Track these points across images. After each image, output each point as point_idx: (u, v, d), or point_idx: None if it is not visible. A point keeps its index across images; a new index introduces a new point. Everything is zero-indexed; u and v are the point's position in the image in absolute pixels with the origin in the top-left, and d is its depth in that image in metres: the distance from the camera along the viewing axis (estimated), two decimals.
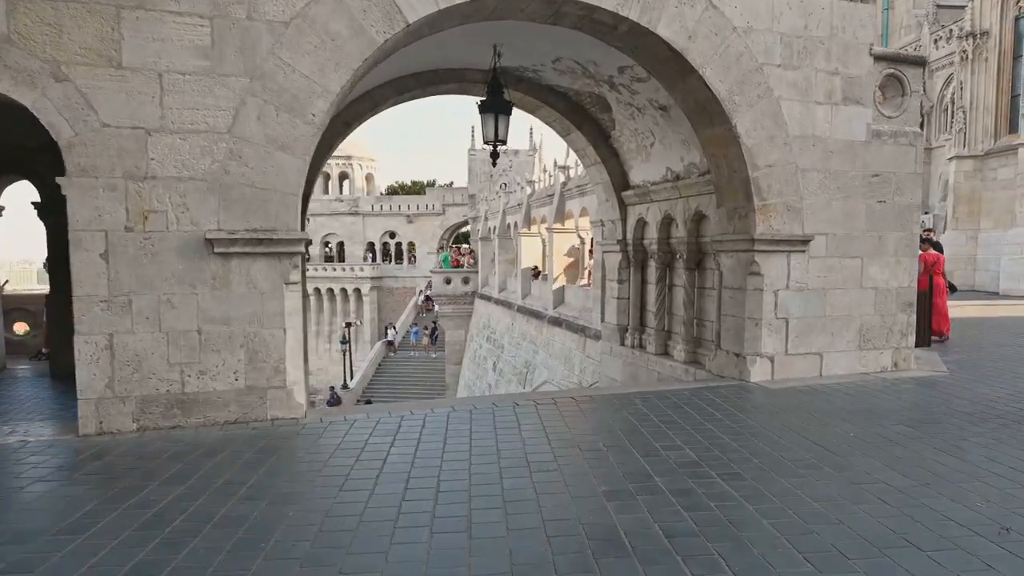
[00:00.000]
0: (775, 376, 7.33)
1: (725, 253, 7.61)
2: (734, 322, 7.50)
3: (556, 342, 15.68)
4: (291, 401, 5.85)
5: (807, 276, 7.37)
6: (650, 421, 5.69)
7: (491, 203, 27.27)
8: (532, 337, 17.88)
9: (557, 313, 16.01)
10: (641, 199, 9.78)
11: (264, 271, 5.70)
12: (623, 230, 10.38)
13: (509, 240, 23.00)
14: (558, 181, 16.43)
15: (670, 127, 8.52)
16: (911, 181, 7.75)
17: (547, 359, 16.10)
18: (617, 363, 10.50)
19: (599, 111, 9.68)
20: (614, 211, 10.50)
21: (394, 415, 6.03)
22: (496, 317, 23.26)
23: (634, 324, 10.24)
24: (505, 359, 20.60)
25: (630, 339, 10.21)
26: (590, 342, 13.15)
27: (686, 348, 8.76)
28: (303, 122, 5.71)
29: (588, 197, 14.47)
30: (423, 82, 9.32)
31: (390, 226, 58.54)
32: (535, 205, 19.67)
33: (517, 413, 6.03)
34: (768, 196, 7.13)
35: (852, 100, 7.41)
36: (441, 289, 28.45)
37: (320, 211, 59.08)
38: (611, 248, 10.62)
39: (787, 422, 5.64)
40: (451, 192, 57.79)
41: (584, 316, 14.06)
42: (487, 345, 23.90)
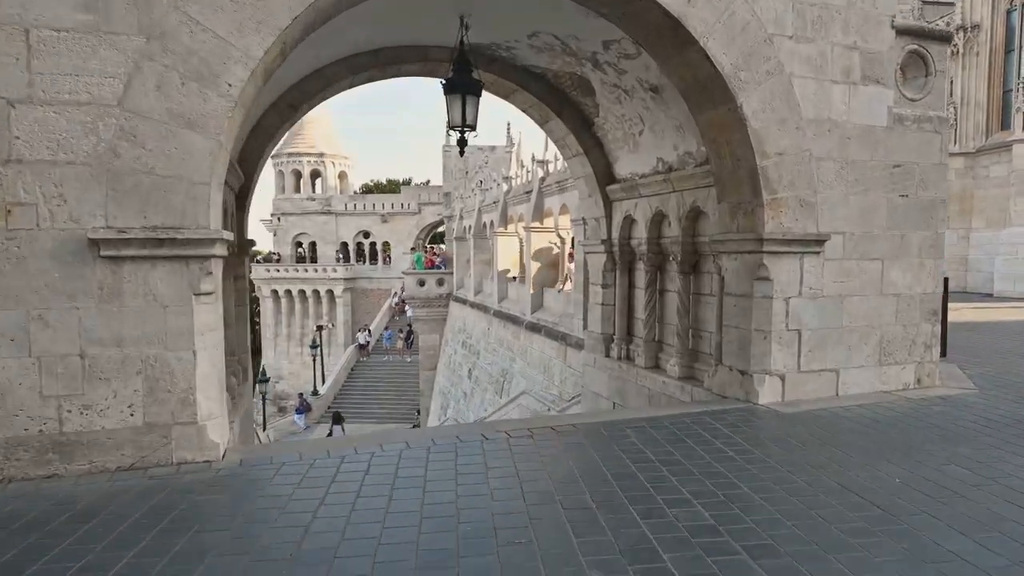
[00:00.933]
0: (786, 397, 6.33)
1: (727, 255, 6.59)
2: (738, 334, 6.49)
3: (534, 350, 14.64)
4: (203, 440, 4.71)
5: (822, 281, 6.38)
6: (647, 461, 4.65)
7: (466, 201, 26.15)
8: (509, 344, 16.82)
9: (535, 319, 14.95)
10: (628, 194, 8.75)
11: (167, 279, 4.56)
12: (608, 229, 9.35)
13: (485, 240, 21.91)
14: (536, 176, 15.36)
15: (662, 111, 7.49)
16: (936, 173, 6.80)
17: (525, 368, 15.06)
18: (602, 377, 9.46)
19: (581, 95, 8.63)
20: (597, 208, 9.47)
21: (334, 455, 4.92)
22: (472, 321, 22.16)
23: (621, 333, 9.21)
24: (481, 366, 19.52)
25: (616, 350, 9.18)
26: (571, 351, 12.13)
27: (680, 362, 7.74)
28: (216, 94, 4.58)
29: (569, 193, 13.45)
30: (382, 60, 8.20)
31: (364, 226, 57.07)
32: (512, 203, 18.58)
33: (485, 451, 4.96)
34: (778, 189, 6.12)
35: (872, 79, 6.43)
36: (414, 291, 27.25)
37: (291, 210, 57.56)
38: (594, 249, 9.58)
39: (814, 460, 4.63)
40: (427, 191, 56.53)
41: (564, 322, 13.03)
42: (462, 351, 22.79)
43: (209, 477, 4.44)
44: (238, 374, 7.70)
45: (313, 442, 5.71)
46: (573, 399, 11.59)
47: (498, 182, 19.92)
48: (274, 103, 8.09)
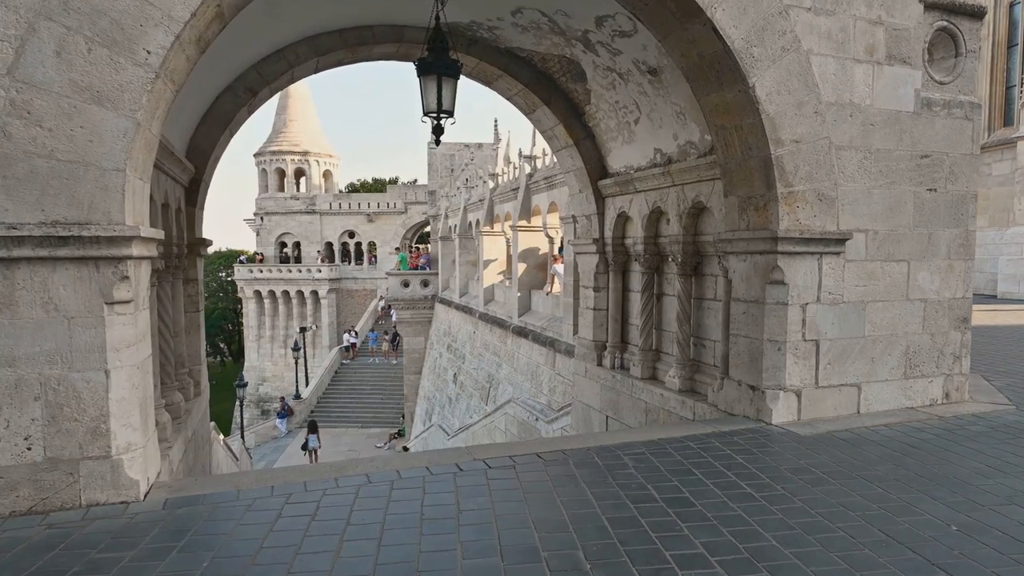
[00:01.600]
0: (802, 415, 5.61)
1: (736, 256, 5.86)
2: (748, 345, 5.76)
3: (521, 355, 13.88)
4: (119, 478, 3.93)
5: (842, 285, 5.66)
6: (651, 501, 3.90)
7: (452, 200, 25.32)
8: (495, 348, 16.05)
9: (522, 323, 14.19)
10: (623, 189, 8.01)
11: (71, 285, 3.77)
12: (600, 227, 8.61)
13: (471, 240, 21.11)
14: (523, 173, 14.58)
15: (661, 96, 6.76)
16: (967, 164, 6.09)
17: (512, 374, 14.30)
18: (594, 387, 8.72)
19: (570, 80, 7.89)
20: (589, 204, 8.73)
21: (278, 491, 4.15)
22: (457, 324, 21.37)
23: (614, 341, 8.48)
24: (466, 371, 18.74)
25: (610, 359, 8.44)
26: (560, 358, 11.40)
27: (681, 374, 7.01)
28: (131, 62, 3.80)
29: (558, 190, 12.71)
30: (351, 41, 7.43)
31: (349, 225, 56.03)
32: (498, 201, 17.80)
33: (458, 487, 4.20)
34: (794, 181, 5.39)
35: (898, 59, 5.72)
36: (399, 292, 26.38)
37: (275, 210, 56.46)
38: (585, 249, 8.85)
39: (848, 499, 3.90)
40: (413, 190, 55.61)
41: (553, 327, 12.29)
42: (447, 354, 22.00)
43: (120, 525, 3.66)
44: (187, 388, 6.90)
45: (258, 474, 4.93)
46: (563, 409, 10.85)
47: (484, 179, 19.14)
48: (229, 86, 7.29)
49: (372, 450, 30.14)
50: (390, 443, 30.27)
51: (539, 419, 11.56)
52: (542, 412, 11.85)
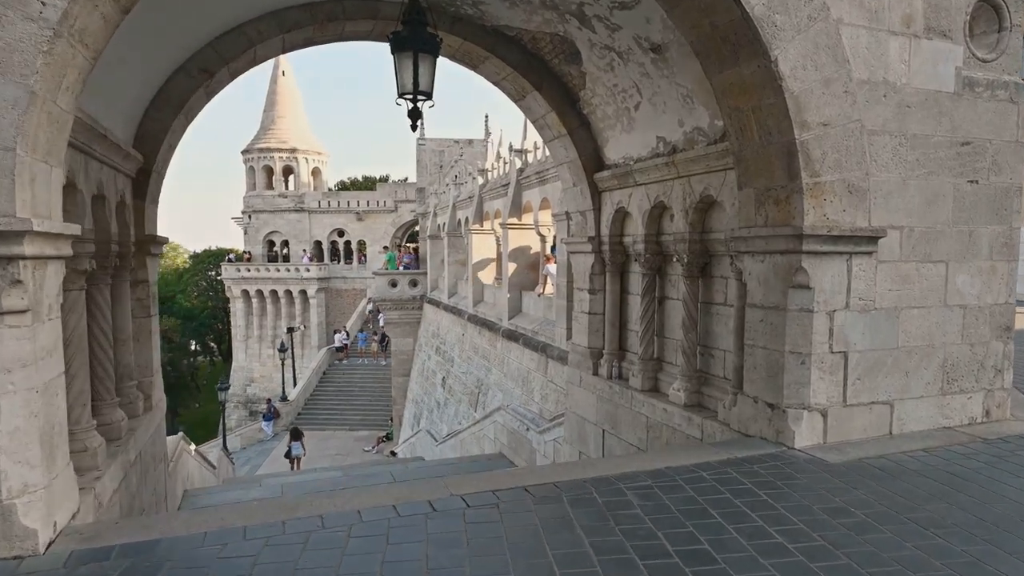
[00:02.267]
0: (828, 437, 4.92)
1: (752, 256, 5.17)
2: (766, 357, 5.06)
3: (512, 360, 13.17)
4: (11, 527, 3.20)
5: (874, 289, 4.97)
6: (663, 555, 3.20)
7: (441, 197, 24.54)
8: (485, 352, 15.33)
9: (513, 325, 13.47)
10: (621, 182, 7.31)
11: None
12: (596, 224, 7.91)
13: (460, 238, 20.35)
14: (513, 168, 13.83)
15: (665, 77, 6.06)
16: (1011, 153, 5.41)
17: (502, 379, 13.59)
18: (589, 398, 8.02)
19: (564, 62, 7.18)
20: (584, 199, 8.03)
21: (211, 541, 3.42)
22: (445, 326, 20.63)
23: (611, 348, 7.78)
24: (455, 375, 18.01)
25: (607, 368, 7.74)
26: (553, 364, 10.69)
27: (687, 387, 6.31)
28: (21, 15, 3.07)
29: (550, 185, 12.01)
30: (320, 17, 6.69)
31: (338, 224, 55.15)
32: (488, 197, 17.05)
33: (428, 534, 3.48)
34: (821, 170, 4.70)
35: (938, 32, 5.04)
36: (386, 293, 25.58)
37: (263, 208, 55.55)
38: (580, 248, 8.15)
39: (905, 555, 3.20)
40: (404, 188, 54.74)
41: (545, 331, 11.59)
42: (436, 357, 21.26)
43: None
44: (135, 403, 6.16)
45: (193, 515, 4.21)
46: (555, 419, 10.15)
47: (473, 175, 18.41)
48: (182, 66, 6.55)
49: (360, 454, 29.36)
50: (378, 447, 29.50)
51: (530, 428, 10.86)
52: (533, 421, 11.15)
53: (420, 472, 11.55)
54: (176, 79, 6.60)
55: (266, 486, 12.03)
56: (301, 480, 12.08)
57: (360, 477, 11.61)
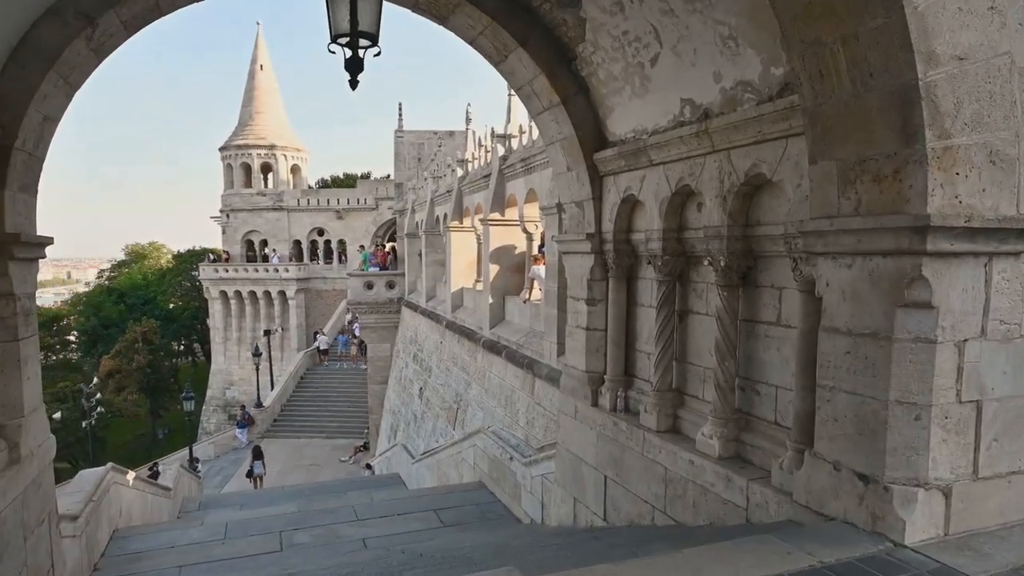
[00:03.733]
0: (952, 526, 3.34)
1: (832, 259, 3.56)
2: (856, 407, 3.46)
3: (494, 376, 11.55)
4: None
5: (1020, 308, 3.39)
6: None
7: (419, 193, 22.81)
8: (464, 363, 13.68)
9: (495, 335, 11.81)
10: (630, 162, 5.71)
11: None
12: (596, 217, 6.31)
13: (438, 236, 18.64)
14: (495, 156, 12.15)
15: (698, 13, 4.44)
16: None
17: (483, 396, 11.96)
18: (587, 434, 6.41)
19: (556, 6, 5.56)
20: (580, 187, 6.43)
21: None
22: (423, 332, 18.96)
23: (615, 372, 6.18)
24: (433, 386, 16.36)
25: (609, 397, 6.15)
26: (541, 384, 9.09)
27: (722, 432, 4.72)
28: None
29: (537, 174, 10.36)
30: None
31: (318, 223, 53.29)
32: (468, 191, 15.33)
33: None
34: (952, 128, 3.11)
35: None
36: (361, 295, 23.80)
37: (241, 206, 53.66)
38: (575, 247, 6.55)
39: None
40: (385, 185, 52.89)
41: (532, 344, 9.95)
42: (413, 365, 19.59)
43: None
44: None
45: None
46: (544, 450, 8.53)
47: (452, 167, 16.73)
48: (53, 8, 4.88)
49: (335, 464, 27.70)
50: (355, 456, 27.81)
51: (514, 458, 9.24)
52: (518, 449, 9.53)
53: (387, 508, 9.91)
54: (45, 25, 4.93)
55: (208, 525, 10.34)
56: (250, 517, 10.39)
57: (319, 514, 9.96)
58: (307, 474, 26.77)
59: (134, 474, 11.20)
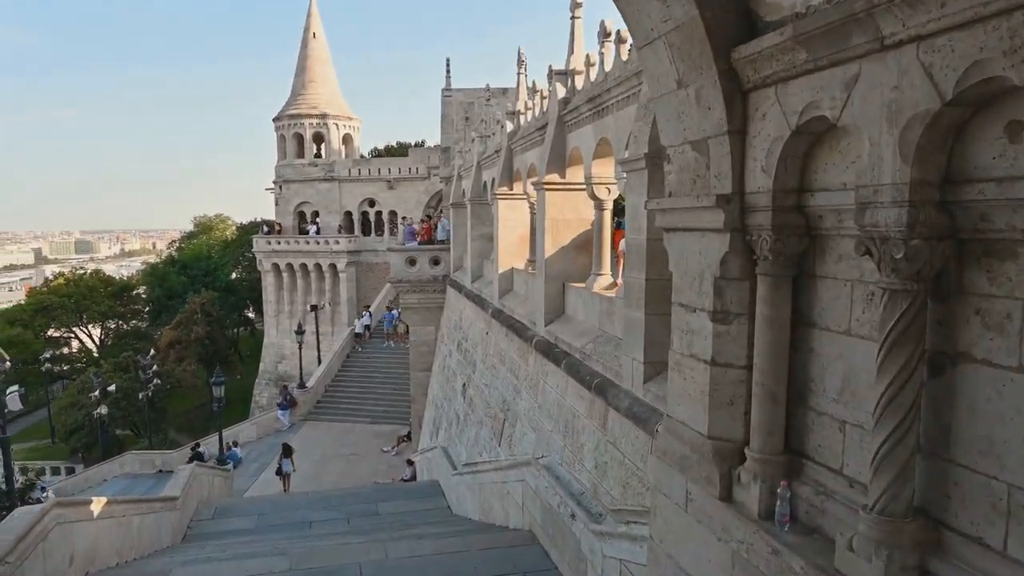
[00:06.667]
0: None
1: None
2: None
3: (549, 389, 8.83)
4: None
5: None
6: None
7: (465, 157, 20.13)
8: (513, 364, 10.99)
9: (551, 335, 8.98)
10: (820, 50, 2.85)
11: None
12: (735, 165, 3.50)
13: (486, 206, 15.93)
14: (555, 99, 9.18)
15: None
16: None
17: (535, 412, 9.29)
18: (708, 547, 3.67)
19: None
20: (704, 113, 3.62)
21: None
22: (468, 317, 16.39)
23: (769, 446, 3.42)
24: (477, 384, 13.81)
25: (757, 492, 3.39)
26: (618, 419, 6.31)
27: None
28: None
29: (612, 116, 7.47)
30: None
31: (369, 193, 51.31)
32: (519, 149, 12.45)
33: None
34: None
35: None
36: (403, 272, 21.33)
37: (293, 177, 52.20)
38: (691, 219, 3.80)
39: None
40: (437, 154, 50.54)
41: (603, 355, 7.15)
42: (457, 355, 17.07)
43: None
44: None
45: None
46: (623, 518, 5.81)
47: (501, 123, 13.93)
48: None
49: (376, 455, 25.65)
50: (398, 448, 25.68)
51: (577, 516, 6.57)
52: (582, 502, 6.86)
53: (405, 574, 7.40)
54: None
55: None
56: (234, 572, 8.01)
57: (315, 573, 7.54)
58: (346, 465, 24.82)
59: (103, 500, 8.98)
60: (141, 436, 40.46)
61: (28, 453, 44.10)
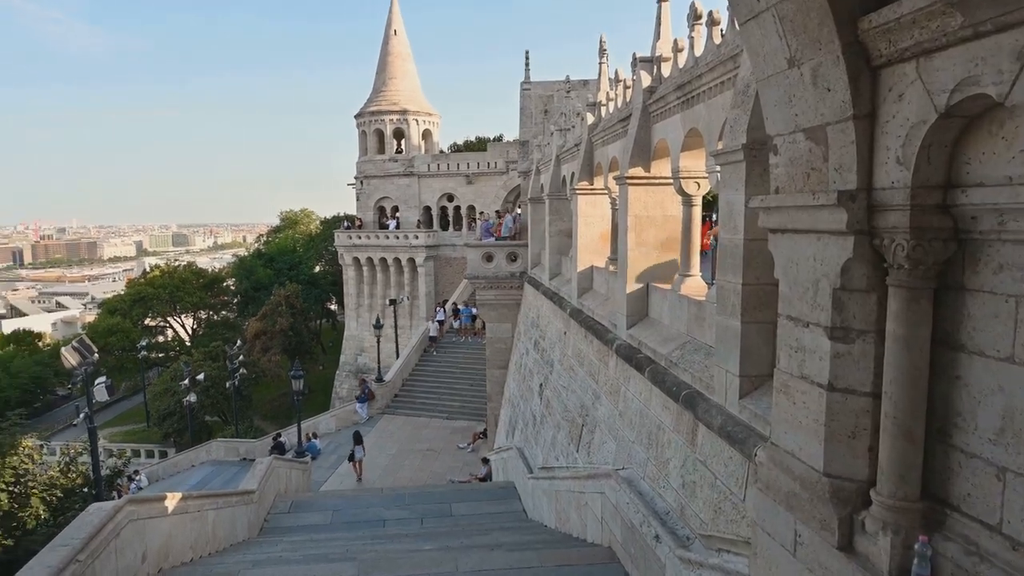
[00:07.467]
0: None
1: None
2: None
3: (631, 396, 8.33)
4: None
5: None
6: None
7: (544, 150, 19.72)
8: (592, 368, 10.53)
9: (633, 339, 8.46)
10: (971, 23, 2.27)
11: None
12: (862, 156, 2.95)
13: (564, 201, 15.46)
14: (639, 87, 8.63)
15: None
16: None
17: (615, 420, 8.80)
18: None
19: None
20: (822, 95, 3.08)
21: None
22: (546, 316, 15.99)
23: (903, 490, 2.86)
24: (554, 386, 13.40)
25: (887, 545, 2.84)
26: (709, 436, 5.77)
27: None
28: None
29: (703, 104, 6.88)
30: None
31: (448, 188, 51.67)
32: (600, 142, 11.92)
33: None
34: None
35: None
36: (480, 268, 21.14)
37: (374, 173, 53.16)
38: (805, 219, 3.25)
39: None
40: (515, 148, 50.37)
41: (692, 363, 6.59)
42: (534, 354, 16.71)
43: None
44: None
45: None
46: (715, 544, 5.28)
47: (581, 115, 13.43)
48: None
49: (453, 451, 25.60)
50: (474, 444, 25.58)
51: (661, 538, 6.06)
52: (667, 522, 6.34)
53: None
54: None
55: None
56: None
57: None
58: (422, 460, 24.87)
59: (177, 496, 9.02)
60: (228, 423, 42.11)
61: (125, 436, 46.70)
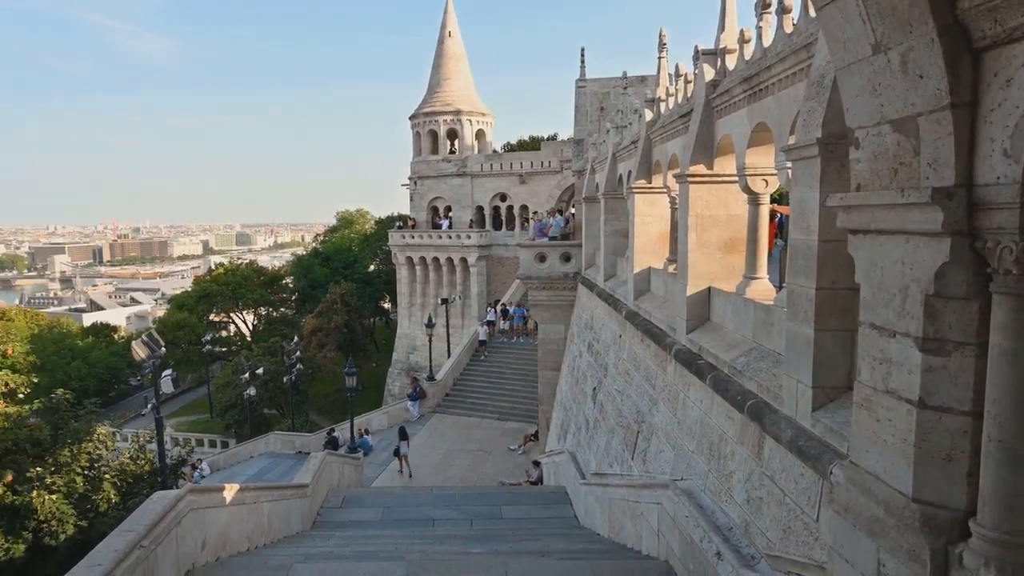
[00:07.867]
0: None
1: None
2: None
3: (691, 403, 7.99)
4: None
5: None
6: None
7: (599, 148, 19.37)
8: (649, 373, 10.17)
9: (694, 344, 8.10)
10: None
11: None
12: (960, 150, 2.64)
13: (620, 200, 15.09)
14: (701, 81, 8.21)
15: None
16: None
17: (673, 428, 8.47)
18: None
19: None
20: (913, 83, 2.78)
21: None
22: (600, 318, 15.67)
23: (1008, 523, 2.53)
24: (608, 390, 13.10)
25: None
26: (777, 449, 5.43)
27: None
28: None
29: (772, 97, 6.47)
30: None
31: (501, 188, 51.65)
32: (659, 139, 11.54)
33: None
34: None
35: None
36: (532, 269, 20.92)
37: (427, 173, 53.62)
38: (893, 219, 2.96)
39: None
40: (569, 147, 50.02)
41: (758, 371, 6.23)
42: (588, 356, 16.42)
43: None
44: None
45: None
46: (783, 567, 4.97)
47: (639, 112, 13.10)
48: None
49: (503, 453, 25.47)
50: (525, 446, 25.39)
51: (723, 556, 5.77)
52: (730, 539, 6.05)
53: None
54: None
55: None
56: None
57: None
58: (472, 460, 24.82)
59: (235, 487, 9.12)
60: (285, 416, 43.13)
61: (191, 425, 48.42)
